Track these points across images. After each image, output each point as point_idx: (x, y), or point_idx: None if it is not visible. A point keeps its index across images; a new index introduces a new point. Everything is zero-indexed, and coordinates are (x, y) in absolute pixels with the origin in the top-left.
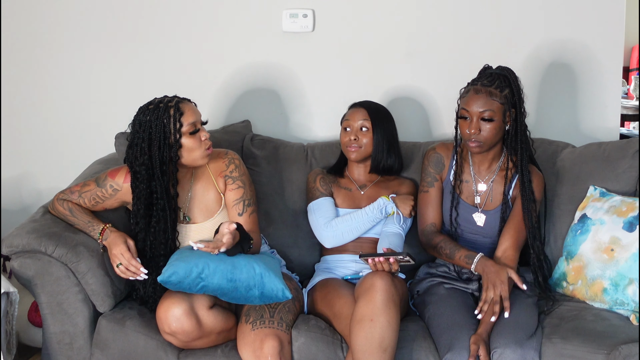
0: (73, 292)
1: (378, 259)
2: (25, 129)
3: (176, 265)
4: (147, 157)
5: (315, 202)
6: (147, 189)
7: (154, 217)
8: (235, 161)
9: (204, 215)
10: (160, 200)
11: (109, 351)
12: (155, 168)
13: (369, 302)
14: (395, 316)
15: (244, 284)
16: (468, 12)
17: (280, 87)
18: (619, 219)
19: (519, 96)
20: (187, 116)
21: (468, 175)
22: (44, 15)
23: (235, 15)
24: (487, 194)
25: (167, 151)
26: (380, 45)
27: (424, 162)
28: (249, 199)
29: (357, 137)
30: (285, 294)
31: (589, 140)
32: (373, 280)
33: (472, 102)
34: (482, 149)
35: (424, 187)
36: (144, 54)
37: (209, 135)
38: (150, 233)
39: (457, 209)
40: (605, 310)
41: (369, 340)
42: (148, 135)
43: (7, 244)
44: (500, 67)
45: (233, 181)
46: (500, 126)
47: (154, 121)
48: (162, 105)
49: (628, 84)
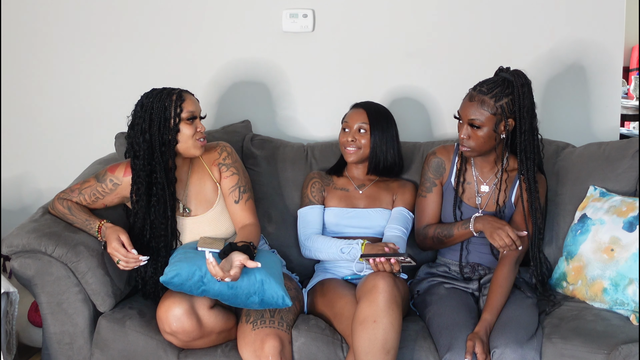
0: (73, 292)
1: (379, 259)
2: (25, 129)
3: (179, 267)
4: (147, 135)
5: (302, 211)
6: (147, 165)
7: (154, 196)
8: (227, 149)
9: (203, 206)
10: (160, 179)
11: (109, 351)
12: (155, 147)
13: (372, 303)
14: (397, 317)
15: (244, 291)
16: (468, 12)
17: (281, 87)
18: (619, 219)
19: (521, 106)
20: (188, 104)
21: (470, 176)
22: (44, 16)
23: (236, 15)
24: (489, 196)
25: (166, 133)
26: (381, 45)
27: (424, 166)
28: (244, 185)
29: (355, 138)
30: (286, 302)
31: (589, 140)
32: (375, 281)
33: (464, 108)
34: (473, 154)
35: (422, 192)
36: (144, 54)
37: (204, 128)
38: (151, 212)
39: (460, 209)
40: (605, 310)
41: (372, 342)
42: (149, 115)
43: (7, 244)
44: (512, 72)
45: (227, 168)
46: (490, 135)
47: (155, 103)
48: (166, 91)
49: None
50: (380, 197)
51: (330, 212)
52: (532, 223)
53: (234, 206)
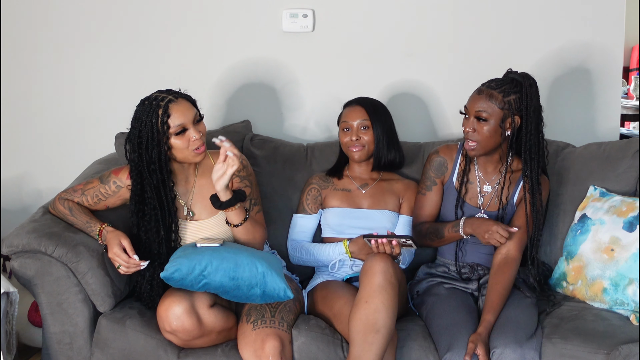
0: (73, 292)
1: (381, 240)
2: (25, 129)
3: (179, 262)
4: (137, 155)
5: (295, 217)
6: (137, 184)
7: (146, 215)
8: (243, 162)
9: (208, 211)
10: (151, 200)
11: (109, 351)
12: (143, 167)
13: (367, 285)
14: (391, 298)
15: (246, 282)
16: (469, 11)
17: (281, 87)
18: (619, 219)
19: (529, 105)
20: (174, 118)
21: (473, 176)
22: (44, 16)
23: (236, 15)
24: (491, 196)
25: (155, 150)
26: (381, 45)
27: (426, 164)
28: (255, 198)
29: (359, 136)
30: (287, 294)
31: (589, 140)
32: (372, 263)
33: (471, 101)
34: (477, 152)
35: (421, 190)
36: (143, 53)
37: (200, 134)
38: (142, 231)
39: (462, 209)
40: (605, 310)
41: (362, 322)
42: (138, 132)
43: (7, 244)
44: (521, 73)
45: (241, 180)
46: (496, 130)
47: (144, 119)
48: (154, 103)
49: (628, 84)
50: (385, 199)
51: (333, 213)
52: (533, 224)
53: None
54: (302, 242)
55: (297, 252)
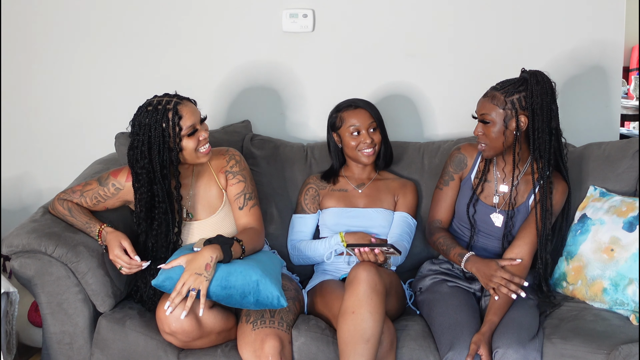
0: (73, 292)
1: (363, 249)
2: (25, 129)
3: (171, 270)
4: (147, 161)
5: (294, 218)
6: (148, 192)
7: (156, 220)
8: (236, 157)
9: (207, 211)
10: (162, 204)
11: (109, 351)
12: (156, 172)
13: (352, 295)
14: (377, 306)
15: (238, 290)
16: (468, 12)
17: (280, 87)
18: (619, 219)
19: (534, 103)
20: (186, 119)
21: (491, 175)
22: (44, 15)
23: (236, 15)
24: (507, 196)
25: (167, 154)
26: (381, 45)
27: (447, 160)
28: (249, 192)
29: (372, 139)
30: (281, 302)
31: (589, 140)
32: (356, 272)
33: (478, 104)
34: (488, 153)
35: (439, 184)
36: (143, 53)
37: (207, 133)
38: (152, 236)
39: (474, 207)
40: (605, 310)
41: (350, 332)
42: (147, 138)
43: (7, 244)
44: (530, 71)
45: (233, 176)
46: (501, 130)
47: (152, 125)
48: (161, 107)
49: (628, 84)
50: (380, 197)
51: (330, 213)
52: (542, 225)
53: (238, 212)
54: (300, 241)
55: (296, 251)
